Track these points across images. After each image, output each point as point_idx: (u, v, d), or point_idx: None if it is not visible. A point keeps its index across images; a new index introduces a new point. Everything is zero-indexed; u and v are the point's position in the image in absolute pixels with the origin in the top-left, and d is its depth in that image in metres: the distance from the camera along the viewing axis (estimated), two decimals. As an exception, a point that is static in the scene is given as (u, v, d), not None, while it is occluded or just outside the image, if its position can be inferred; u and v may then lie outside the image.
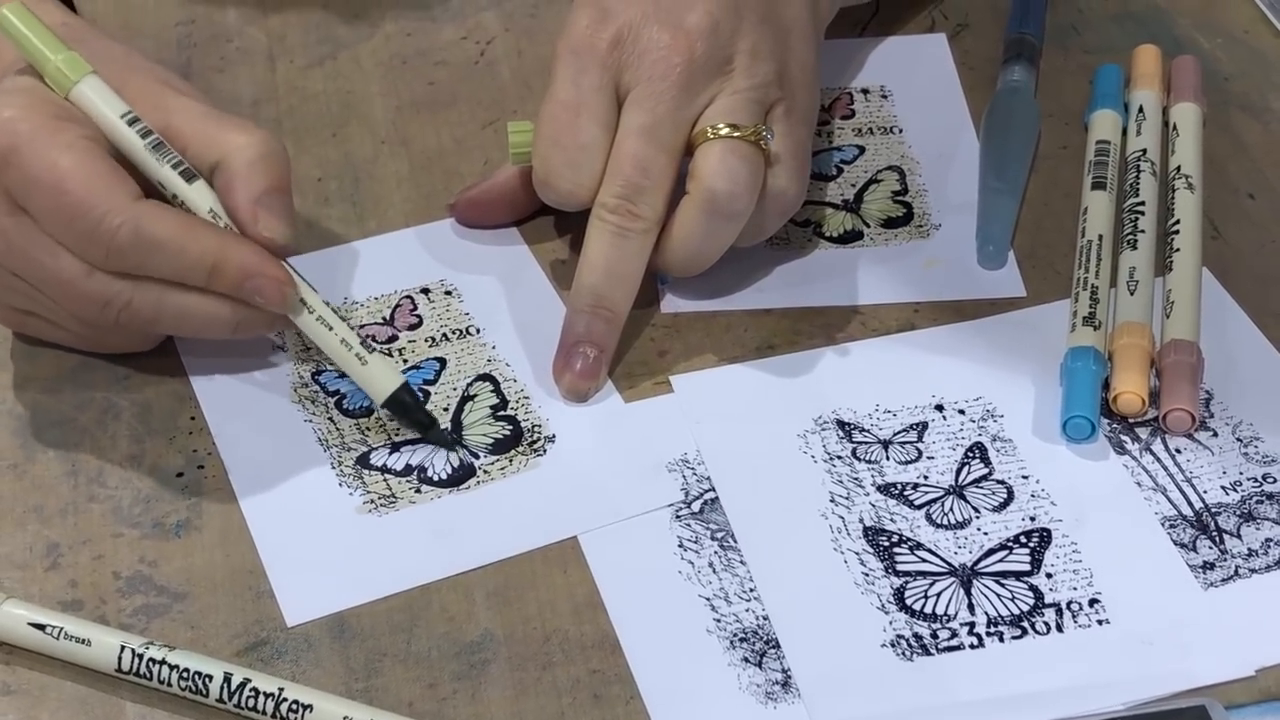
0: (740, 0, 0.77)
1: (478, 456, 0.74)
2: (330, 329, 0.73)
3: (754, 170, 0.75)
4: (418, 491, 0.73)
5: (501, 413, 0.75)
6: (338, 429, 0.75)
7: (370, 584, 0.70)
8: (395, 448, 0.74)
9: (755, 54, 0.77)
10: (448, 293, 0.80)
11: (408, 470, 0.73)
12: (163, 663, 0.66)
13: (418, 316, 0.79)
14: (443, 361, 0.77)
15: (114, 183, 0.71)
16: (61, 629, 0.67)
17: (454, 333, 0.79)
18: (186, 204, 0.73)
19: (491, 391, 0.76)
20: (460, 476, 0.73)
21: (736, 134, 0.75)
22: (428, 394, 0.76)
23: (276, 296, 0.72)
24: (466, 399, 0.76)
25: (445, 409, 0.75)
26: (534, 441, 0.74)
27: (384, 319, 0.79)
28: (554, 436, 0.74)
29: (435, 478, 0.73)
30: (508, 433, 0.75)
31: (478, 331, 0.79)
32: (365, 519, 0.72)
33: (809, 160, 0.78)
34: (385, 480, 0.73)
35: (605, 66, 0.76)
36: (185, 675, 0.66)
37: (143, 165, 0.73)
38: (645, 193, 0.75)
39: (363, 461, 0.74)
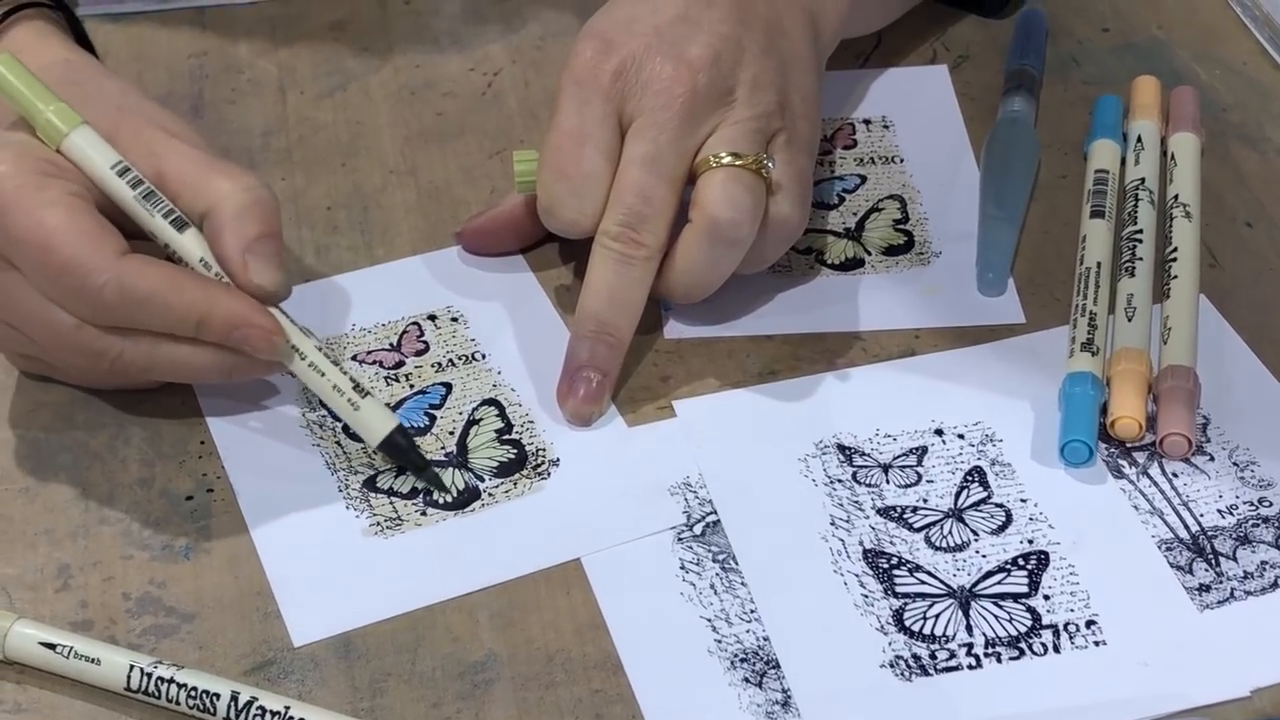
0: (742, 32, 0.78)
1: (483, 480, 0.75)
2: (323, 375, 0.73)
3: (756, 198, 0.76)
4: (423, 514, 0.73)
5: (506, 436, 0.76)
6: (344, 453, 0.76)
7: (376, 605, 0.70)
8: (401, 471, 0.75)
9: (757, 84, 0.78)
10: (454, 319, 0.81)
11: (414, 493, 0.74)
12: (171, 681, 0.67)
13: (425, 342, 0.80)
14: (449, 386, 0.78)
15: (99, 239, 0.71)
16: (71, 648, 0.68)
17: (460, 358, 0.79)
18: (178, 253, 0.73)
19: (497, 416, 0.77)
20: (465, 499, 0.74)
21: (738, 163, 0.76)
22: (434, 418, 0.77)
23: (265, 345, 0.72)
24: (472, 423, 0.77)
25: (451, 433, 0.76)
26: (538, 465, 0.75)
27: (391, 345, 0.80)
28: (558, 460, 0.75)
29: (441, 500, 0.74)
30: (512, 456, 0.75)
31: (483, 357, 0.79)
32: (371, 541, 0.73)
33: (810, 188, 0.79)
34: (391, 503, 0.74)
35: (608, 97, 0.77)
36: (193, 694, 0.66)
37: (134, 216, 0.73)
38: (648, 221, 0.76)
39: (369, 485, 0.74)
